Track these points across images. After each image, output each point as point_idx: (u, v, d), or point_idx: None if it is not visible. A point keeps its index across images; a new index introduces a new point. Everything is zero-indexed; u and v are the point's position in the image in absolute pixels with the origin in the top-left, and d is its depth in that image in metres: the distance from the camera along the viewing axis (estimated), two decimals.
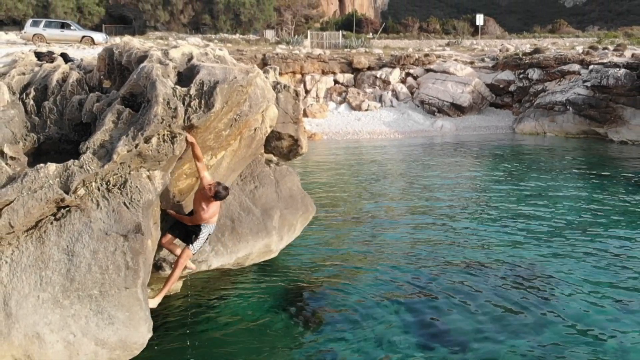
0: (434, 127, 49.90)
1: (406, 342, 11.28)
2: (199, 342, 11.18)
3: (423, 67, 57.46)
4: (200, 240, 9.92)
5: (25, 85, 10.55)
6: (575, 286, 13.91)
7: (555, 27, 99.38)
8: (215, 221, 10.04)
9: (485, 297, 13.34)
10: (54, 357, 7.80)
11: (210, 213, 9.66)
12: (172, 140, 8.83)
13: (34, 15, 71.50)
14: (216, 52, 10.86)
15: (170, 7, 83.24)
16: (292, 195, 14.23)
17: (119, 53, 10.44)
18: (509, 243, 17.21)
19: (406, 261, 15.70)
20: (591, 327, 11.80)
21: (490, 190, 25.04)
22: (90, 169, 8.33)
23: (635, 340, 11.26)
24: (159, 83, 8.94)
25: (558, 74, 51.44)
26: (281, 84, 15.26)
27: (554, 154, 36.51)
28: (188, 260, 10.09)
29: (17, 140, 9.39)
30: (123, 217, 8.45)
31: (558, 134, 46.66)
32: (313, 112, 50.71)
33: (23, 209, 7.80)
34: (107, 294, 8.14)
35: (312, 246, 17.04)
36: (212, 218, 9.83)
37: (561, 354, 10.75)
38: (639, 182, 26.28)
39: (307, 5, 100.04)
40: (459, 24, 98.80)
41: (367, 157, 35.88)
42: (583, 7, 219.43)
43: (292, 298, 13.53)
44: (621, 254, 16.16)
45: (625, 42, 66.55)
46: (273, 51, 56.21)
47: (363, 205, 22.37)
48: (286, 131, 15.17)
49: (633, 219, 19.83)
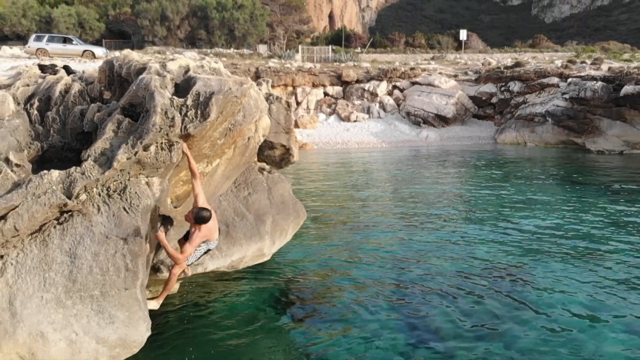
0: (420, 138, 50.09)
1: (392, 341, 11.31)
2: (196, 342, 11.20)
3: (409, 80, 57.74)
4: (196, 253, 9.76)
5: (29, 96, 10.59)
6: (556, 288, 13.98)
7: (535, 42, 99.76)
8: (215, 238, 9.84)
9: (468, 298, 13.39)
10: (57, 355, 7.82)
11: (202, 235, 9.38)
12: (169, 149, 8.88)
13: (37, 31, 71.50)
14: (212, 65, 10.91)
15: (168, 23, 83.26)
16: (284, 202, 14.31)
17: (119, 65, 10.49)
18: (492, 247, 17.28)
19: (393, 265, 15.74)
20: (570, 327, 11.86)
21: (474, 198, 25.15)
22: (92, 176, 8.38)
23: (612, 341, 11.33)
24: (157, 94, 9.00)
25: (538, 87, 51.81)
26: (273, 96, 15.35)
27: (534, 163, 36.67)
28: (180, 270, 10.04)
29: (22, 148, 9.44)
30: (123, 222, 8.49)
31: (538, 143, 46.96)
32: (304, 123, 50.88)
33: (27, 213, 7.84)
34: (108, 295, 8.18)
35: (303, 250, 17.07)
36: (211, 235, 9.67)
37: (540, 354, 10.81)
38: (615, 189, 26.42)
39: (298, 21, 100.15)
40: (443, 39, 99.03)
41: (356, 166, 35.96)
42: (562, 23, 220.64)
43: (284, 300, 13.56)
44: (598, 256, 16.26)
45: (602, 56, 66.93)
46: (266, 65, 56.30)
47: (352, 211, 22.43)
48: (278, 140, 15.26)
49: (609, 223, 19.95)
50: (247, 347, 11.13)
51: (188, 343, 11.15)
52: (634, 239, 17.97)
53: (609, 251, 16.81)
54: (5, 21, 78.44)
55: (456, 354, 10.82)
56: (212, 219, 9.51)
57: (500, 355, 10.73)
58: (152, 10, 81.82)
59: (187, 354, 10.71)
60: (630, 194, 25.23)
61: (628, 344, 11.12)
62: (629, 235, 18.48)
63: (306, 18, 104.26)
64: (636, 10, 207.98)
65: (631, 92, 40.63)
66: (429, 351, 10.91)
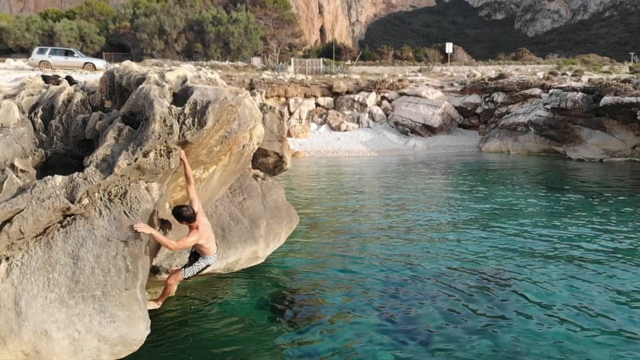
0: (407, 146, 50.19)
1: (379, 341, 11.35)
2: (193, 341, 11.23)
3: (397, 91, 57.91)
4: (194, 269, 9.81)
5: (33, 105, 10.63)
6: (538, 289, 14.07)
7: (518, 55, 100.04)
8: (213, 252, 9.81)
9: (455, 300, 13.45)
10: (60, 352, 7.86)
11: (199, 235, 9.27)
12: (168, 155, 8.92)
13: (40, 44, 71.66)
14: (208, 75, 10.97)
15: (165, 37, 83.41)
16: (277, 207, 14.38)
17: (119, 76, 10.54)
18: (477, 250, 17.36)
19: (382, 268, 15.79)
20: (554, 327, 11.94)
21: (459, 203, 25.23)
22: (94, 181, 8.42)
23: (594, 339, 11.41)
24: (156, 102, 9.05)
25: (521, 97, 52.01)
26: (267, 106, 15.43)
27: (517, 170, 36.80)
28: (176, 282, 10.02)
29: (27, 154, 9.48)
30: (123, 225, 8.53)
31: (521, 152, 47.12)
32: (296, 133, 50.97)
33: (32, 216, 7.89)
34: (109, 295, 8.22)
35: (296, 253, 17.12)
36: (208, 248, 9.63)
37: (526, 353, 10.87)
38: (595, 196, 26.55)
39: (290, 34, 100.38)
40: (430, 52, 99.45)
41: (346, 174, 36.02)
42: (544, 36, 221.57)
43: (277, 300, 13.60)
44: (579, 258, 16.37)
45: (582, 68, 67.33)
46: (259, 77, 56.45)
47: (342, 216, 22.49)
48: (272, 149, 15.33)
49: (589, 227, 20.07)
50: (242, 347, 11.17)
51: (185, 342, 11.18)
52: (612, 243, 18.12)
53: (588, 253, 16.92)
54: (10, 35, 79.03)
55: (443, 353, 10.88)
56: (208, 228, 9.55)
57: (486, 354, 10.81)
58: (150, 25, 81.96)
59: (185, 353, 10.75)
60: (609, 200, 25.38)
61: (610, 343, 11.22)
62: (608, 239, 18.62)
63: (298, 32, 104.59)
64: (615, 24, 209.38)
65: (610, 103, 40.82)
66: (417, 351, 10.96)
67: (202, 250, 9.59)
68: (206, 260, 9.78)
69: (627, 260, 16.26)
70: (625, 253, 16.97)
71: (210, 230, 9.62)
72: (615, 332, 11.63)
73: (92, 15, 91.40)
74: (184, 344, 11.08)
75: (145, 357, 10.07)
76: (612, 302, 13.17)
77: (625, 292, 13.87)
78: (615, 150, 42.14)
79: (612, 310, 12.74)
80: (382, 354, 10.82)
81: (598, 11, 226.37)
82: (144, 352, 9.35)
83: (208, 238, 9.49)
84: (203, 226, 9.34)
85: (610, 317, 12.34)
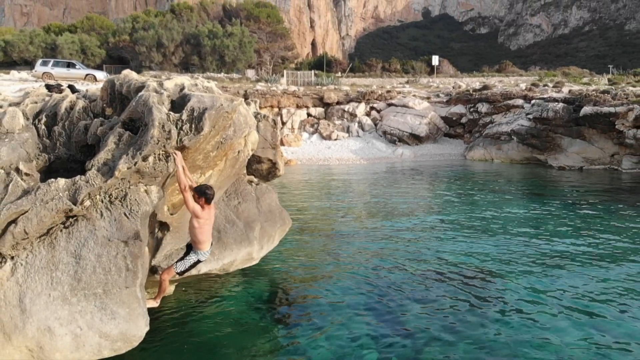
0: (395, 154, 50.29)
1: (369, 339, 11.38)
2: (190, 339, 11.25)
3: (385, 101, 58.05)
4: (185, 263, 9.59)
5: (37, 112, 10.67)
6: (520, 289, 14.14)
7: (501, 67, 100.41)
8: (205, 249, 9.55)
9: (440, 299, 13.51)
10: (63, 348, 7.90)
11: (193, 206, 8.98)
12: (166, 159, 8.98)
13: (43, 56, 71.69)
14: (205, 84, 11.03)
15: (163, 50, 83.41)
16: (271, 210, 14.42)
17: (120, 84, 10.58)
18: (462, 253, 17.43)
19: (371, 270, 15.83)
20: (534, 325, 12.01)
21: (444, 208, 25.32)
22: (95, 184, 8.48)
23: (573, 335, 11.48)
24: (155, 109, 9.11)
25: (504, 108, 52.25)
26: (261, 114, 15.48)
27: (501, 178, 36.91)
28: (169, 277, 9.94)
29: (31, 159, 9.52)
30: (124, 226, 8.59)
31: (504, 160, 47.27)
32: (289, 141, 51.03)
33: (36, 217, 7.94)
34: (110, 293, 8.27)
35: (289, 254, 17.17)
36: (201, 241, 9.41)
37: (506, 351, 10.93)
38: (575, 201, 26.67)
39: (283, 48, 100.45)
40: (417, 64, 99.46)
41: (337, 180, 36.06)
42: (526, 50, 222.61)
43: (271, 300, 13.65)
44: (558, 259, 16.46)
45: (563, 80, 67.65)
46: (254, 88, 56.49)
47: (332, 220, 22.54)
48: (265, 155, 15.37)
49: (569, 230, 20.19)
50: (236, 345, 11.18)
51: (183, 340, 11.19)
52: (592, 246, 18.26)
53: (569, 256, 17.02)
54: (14, 48, 79.48)
55: (428, 350, 10.93)
56: (210, 223, 9.41)
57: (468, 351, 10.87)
58: (149, 38, 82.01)
59: (182, 351, 10.77)
60: (589, 206, 25.51)
61: (592, 342, 11.29)
62: (587, 242, 18.75)
63: (291, 45, 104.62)
64: (594, 38, 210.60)
65: (590, 113, 41.00)
66: (405, 350, 10.99)
67: (195, 242, 9.41)
68: (197, 255, 9.58)
69: (606, 262, 16.38)
70: (604, 255, 17.09)
71: (210, 227, 9.55)
72: (598, 332, 11.70)
73: (93, 29, 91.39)
74: (180, 343, 11.09)
75: (142, 355, 10.11)
76: (593, 302, 13.25)
77: (605, 292, 13.97)
78: (594, 158, 42.31)
79: (593, 309, 12.82)
80: (372, 353, 10.85)
81: (578, 26, 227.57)
82: (142, 350, 9.39)
83: (205, 229, 9.32)
84: (208, 216, 9.27)
85: (591, 317, 12.42)
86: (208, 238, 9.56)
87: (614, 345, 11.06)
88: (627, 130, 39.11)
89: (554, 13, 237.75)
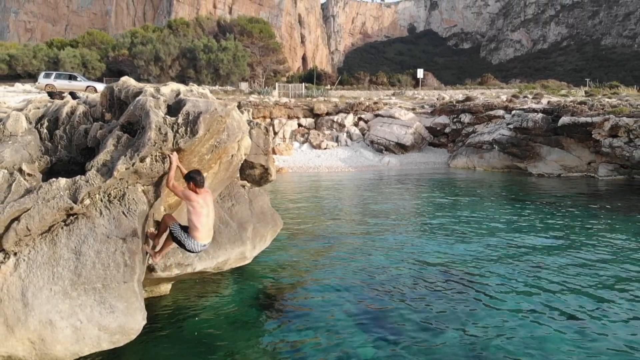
0: (382, 163, 50.47)
1: (358, 335, 11.38)
2: (184, 335, 11.24)
3: (372, 112, 58.35)
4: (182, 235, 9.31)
5: (40, 117, 10.69)
6: (503, 289, 14.21)
7: (483, 80, 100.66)
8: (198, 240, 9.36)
9: (427, 299, 13.54)
10: (64, 340, 7.91)
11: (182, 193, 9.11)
12: (163, 161, 9.03)
13: (46, 69, 71.64)
14: (200, 90, 11.07)
15: (161, 63, 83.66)
16: (263, 212, 14.48)
17: (118, 90, 10.61)
18: (445, 254, 17.49)
19: (359, 270, 15.84)
20: (517, 322, 12.07)
21: (429, 213, 25.41)
22: (95, 184, 8.50)
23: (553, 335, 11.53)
24: (152, 113, 9.15)
25: (486, 118, 52.63)
26: (254, 122, 15.60)
27: (483, 185, 37.04)
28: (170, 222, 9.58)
29: (33, 160, 9.53)
30: (122, 224, 8.61)
31: (486, 168, 47.52)
32: (280, 150, 51.16)
33: (38, 215, 7.96)
34: (109, 287, 8.28)
35: (280, 254, 17.21)
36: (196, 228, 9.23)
37: (491, 344, 10.98)
38: (553, 207, 26.80)
39: (275, 62, 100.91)
40: (403, 77, 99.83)
41: (326, 187, 36.11)
42: (507, 64, 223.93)
43: (264, 297, 13.65)
44: (537, 260, 16.54)
45: (542, 92, 68.01)
46: (247, 99, 56.69)
47: (322, 224, 22.57)
48: (258, 161, 15.46)
49: (547, 233, 20.29)
50: (230, 341, 11.16)
51: (178, 337, 11.18)
52: (569, 248, 18.37)
53: (548, 257, 17.11)
54: (18, 61, 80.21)
55: (417, 349, 10.96)
56: (206, 213, 9.31)
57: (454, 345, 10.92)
58: (147, 52, 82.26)
59: (176, 348, 10.74)
60: (566, 211, 25.65)
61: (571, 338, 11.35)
62: (565, 244, 18.87)
63: (282, 59, 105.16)
64: (571, 53, 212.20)
65: (568, 123, 41.25)
66: (396, 347, 11.00)
67: (190, 228, 9.25)
68: (188, 242, 9.33)
69: (582, 262, 16.49)
70: (581, 256, 17.20)
71: (208, 217, 9.43)
72: (577, 329, 11.77)
73: (94, 44, 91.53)
74: (175, 340, 11.08)
75: (137, 352, 10.13)
76: (573, 301, 13.32)
77: (582, 290, 14.07)
78: (572, 166, 42.54)
79: (573, 307, 12.89)
80: (363, 349, 10.85)
81: (556, 41, 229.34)
82: (138, 347, 9.41)
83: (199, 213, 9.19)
84: (203, 201, 9.22)
85: (570, 314, 12.48)
86: (204, 227, 9.37)
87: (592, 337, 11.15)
88: (603, 139, 39.38)
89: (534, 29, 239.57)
